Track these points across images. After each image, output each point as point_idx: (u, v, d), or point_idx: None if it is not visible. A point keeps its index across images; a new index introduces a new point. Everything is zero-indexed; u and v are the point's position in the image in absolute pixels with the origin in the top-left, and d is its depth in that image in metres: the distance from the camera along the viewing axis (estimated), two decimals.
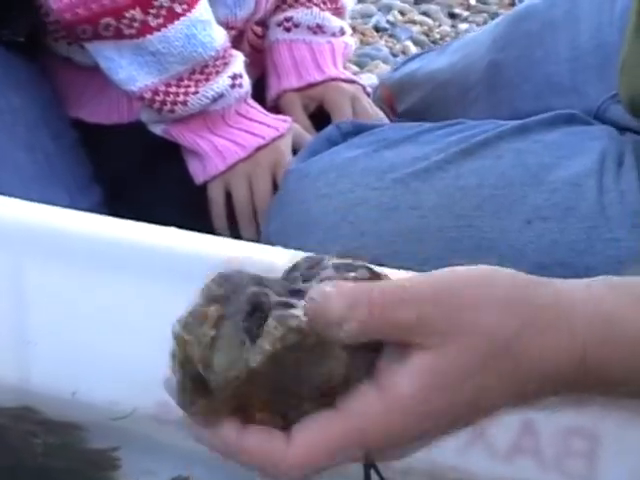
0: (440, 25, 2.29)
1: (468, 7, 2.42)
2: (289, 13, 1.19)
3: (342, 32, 1.20)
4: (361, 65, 1.91)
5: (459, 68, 1.22)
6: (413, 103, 1.26)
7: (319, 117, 1.14)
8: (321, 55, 1.17)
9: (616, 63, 0.93)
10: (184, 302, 0.56)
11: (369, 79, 1.72)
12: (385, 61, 2.04)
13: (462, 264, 0.45)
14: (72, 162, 1.06)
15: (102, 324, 0.60)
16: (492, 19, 2.03)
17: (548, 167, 0.86)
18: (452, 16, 2.39)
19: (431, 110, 1.21)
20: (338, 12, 1.19)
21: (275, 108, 1.13)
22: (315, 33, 1.19)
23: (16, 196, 0.62)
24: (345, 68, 1.21)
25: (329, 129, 1.00)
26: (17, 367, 0.62)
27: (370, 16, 2.26)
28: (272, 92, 1.15)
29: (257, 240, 0.92)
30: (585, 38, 1.06)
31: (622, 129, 0.95)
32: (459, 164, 0.88)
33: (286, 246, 0.60)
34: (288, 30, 1.19)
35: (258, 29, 1.23)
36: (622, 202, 0.83)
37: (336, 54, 1.19)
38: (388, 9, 2.29)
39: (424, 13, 2.33)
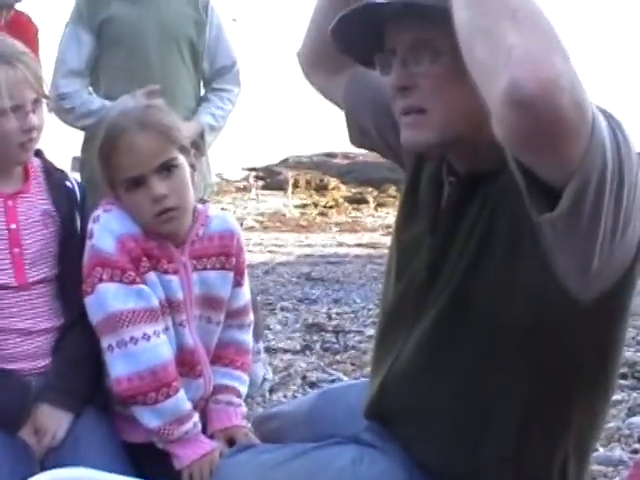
0: None
1: None
2: (218, 396, 1.93)
3: (240, 405, 1.91)
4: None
5: (292, 412, 1.84)
6: (271, 429, 1.86)
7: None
8: (231, 415, 1.91)
9: None
10: None
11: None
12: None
13: None
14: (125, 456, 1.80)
15: None
16: None
17: (329, 459, 1.47)
18: None
19: (280, 431, 1.82)
20: (239, 395, 1.93)
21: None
22: (228, 405, 1.91)
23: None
24: (243, 417, 1.92)
25: (240, 433, 1.83)
26: None
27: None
28: (209, 430, 1.86)
29: None
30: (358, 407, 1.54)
31: None
32: (293, 460, 1.49)
33: None
34: (217, 404, 1.92)
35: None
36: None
37: (238, 414, 1.92)
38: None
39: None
